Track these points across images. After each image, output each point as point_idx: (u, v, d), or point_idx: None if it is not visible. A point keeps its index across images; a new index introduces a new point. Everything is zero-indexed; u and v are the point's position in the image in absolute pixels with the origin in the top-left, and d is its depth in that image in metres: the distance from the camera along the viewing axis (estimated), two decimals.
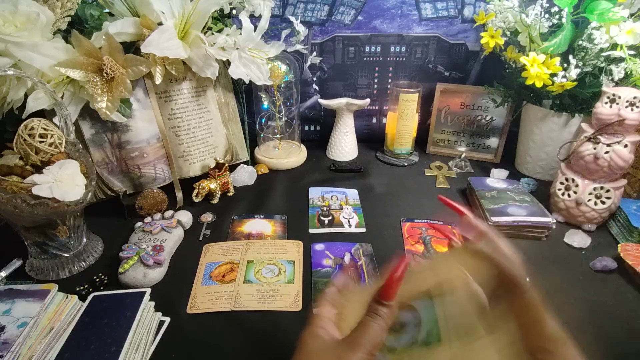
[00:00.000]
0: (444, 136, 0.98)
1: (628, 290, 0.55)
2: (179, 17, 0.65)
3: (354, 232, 0.68)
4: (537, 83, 0.71)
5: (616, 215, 0.67)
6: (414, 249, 0.63)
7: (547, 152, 0.82)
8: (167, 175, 0.73)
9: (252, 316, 0.51)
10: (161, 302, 0.51)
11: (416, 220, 0.70)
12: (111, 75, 0.60)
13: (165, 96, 0.71)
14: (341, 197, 0.77)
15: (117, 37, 0.61)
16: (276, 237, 0.66)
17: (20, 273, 0.57)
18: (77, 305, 0.48)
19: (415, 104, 0.89)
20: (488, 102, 0.90)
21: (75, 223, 0.57)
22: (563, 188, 0.69)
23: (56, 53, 0.58)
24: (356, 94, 0.99)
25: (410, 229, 0.68)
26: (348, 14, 0.90)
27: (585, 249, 0.63)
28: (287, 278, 0.57)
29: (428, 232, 0.67)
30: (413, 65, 0.95)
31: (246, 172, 0.84)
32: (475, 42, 0.91)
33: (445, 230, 0.58)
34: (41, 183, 0.48)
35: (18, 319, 0.43)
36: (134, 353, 0.42)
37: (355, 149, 0.98)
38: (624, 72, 0.67)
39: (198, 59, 0.69)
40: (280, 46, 0.78)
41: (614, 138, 0.63)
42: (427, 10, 0.90)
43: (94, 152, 0.66)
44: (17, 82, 0.57)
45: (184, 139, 0.74)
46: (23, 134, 0.51)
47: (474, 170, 0.91)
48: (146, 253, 0.57)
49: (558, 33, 0.69)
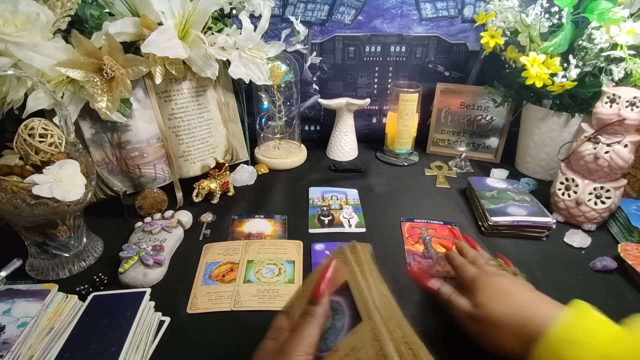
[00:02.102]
0: (444, 136, 0.98)
1: (628, 290, 0.55)
2: (179, 17, 0.65)
3: (354, 232, 0.68)
4: (537, 83, 0.71)
5: (616, 215, 0.67)
6: (414, 249, 0.63)
7: (547, 152, 0.82)
8: (167, 175, 0.73)
9: (252, 316, 0.51)
10: (161, 302, 0.51)
11: (416, 220, 0.70)
12: (111, 75, 0.60)
13: (165, 96, 0.71)
14: (341, 197, 0.77)
15: (117, 37, 0.61)
16: (276, 237, 0.66)
17: (20, 273, 0.57)
18: (77, 305, 0.48)
19: (415, 104, 0.89)
20: (488, 102, 0.90)
21: (75, 223, 0.57)
22: (563, 188, 0.69)
23: (56, 53, 0.58)
24: (356, 94, 0.99)
25: (410, 229, 0.68)
26: (348, 14, 0.90)
27: (585, 249, 0.63)
28: (287, 278, 0.57)
29: (428, 231, 0.67)
30: (413, 65, 0.95)
31: (246, 172, 0.84)
32: (475, 42, 0.91)
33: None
34: (41, 183, 0.48)
35: (18, 319, 0.43)
36: (134, 353, 0.42)
37: (355, 149, 0.98)
38: (624, 72, 0.67)
39: (198, 59, 0.69)
40: (280, 46, 0.78)
41: (614, 138, 0.63)
42: (427, 10, 0.90)
43: (94, 152, 0.66)
44: (17, 82, 0.57)
45: (184, 139, 0.74)
46: (23, 134, 0.51)
47: (474, 170, 0.91)
48: (146, 253, 0.57)
49: (558, 33, 0.69)
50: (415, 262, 0.60)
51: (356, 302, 0.32)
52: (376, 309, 0.30)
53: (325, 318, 0.33)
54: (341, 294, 0.34)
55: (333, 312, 0.33)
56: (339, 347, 0.31)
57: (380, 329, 0.29)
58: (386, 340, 0.28)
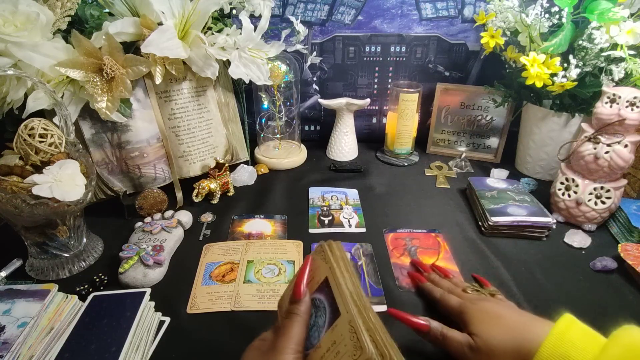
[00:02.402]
0: (444, 136, 0.98)
1: (628, 290, 0.55)
2: (179, 17, 0.65)
3: (354, 232, 0.68)
4: (537, 83, 0.71)
5: (616, 215, 0.67)
6: (400, 262, 0.60)
7: (547, 152, 0.82)
8: (167, 175, 0.73)
9: (252, 316, 0.51)
10: (161, 302, 0.51)
11: (399, 230, 0.67)
12: (111, 75, 0.60)
13: (165, 96, 0.71)
14: (341, 197, 0.77)
15: (117, 37, 0.61)
16: (276, 237, 0.66)
17: (20, 273, 0.57)
18: (77, 305, 0.48)
19: (415, 104, 0.89)
20: (488, 102, 0.90)
21: (75, 223, 0.57)
22: (563, 188, 0.69)
23: (56, 53, 0.58)
24: (356, 94, 0.99)
25: (394, 240, 0.65)
26: (348, 14, 0.90)
27: (585, 249, 0.63)
28: (287, 278, 0.57)
29: (412, 242, 0.64)
30: (413, 65, 0.95)
31: (246, 172, 0.84)
32: (475, 42, 0.91)
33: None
34: (41, 183, 0.48)
35: (18, 319, 0.43)
36: (134, 353, 0.42)
37: (355, 149, 0.98)
38: (624, 72, 0.67)
39: (198, 59, 0.69)
40: (280, 46, 0.78)
41: (614, 138, 0.63)
42: (427, 10, 0.90)
43: (94, 152, 0.66)
44: (17, 82, 0.57)
45: (184, 139, 0.74)
46: (23, 134, 0.51)
47: (474, 170, 0.91)
48: (146, 253, 0.57)
49: (558, 33, 0.69)
50: (404, 276, 0.57)
51: (335, 298, 0.32)
52: (352, 301, 0.31)
53: (309, 315, 0.34)
54: (322, 291, 0.34)
55: (315, 310, 0.34)
56: (321, 343, 0.31)
57: (357, 321, 0.29)
58: (362, 331, 0.28)
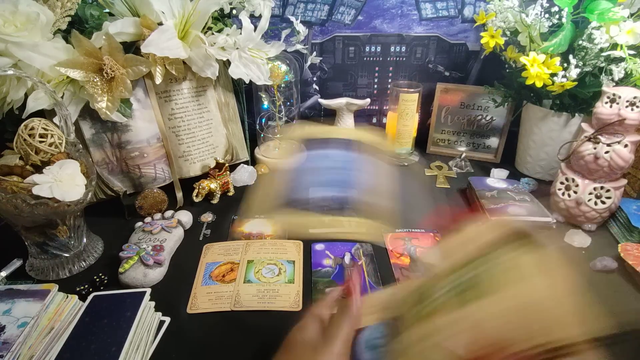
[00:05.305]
0: (444, 136, 0.98)
1: (628, 290, 0.55)
2: (179, 17, 0.65)
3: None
4: (537, 83, 0.71)
5: (616, 215, 0.67)
6: (400, 262, 0.60)
7: (547, 152, 0.82)
8: (167, 175, 0.73)
9: (252, 316, 0.51)
10: (161, 302, 0.51)
11: (397, 230, 0.66)
12: (111, 75, 0.60)
13: (165, 96, 0.71)
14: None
15: (117, 37, 0.61)
16: (276, 237, 0.66)
17: (20, 273, 0.57)
18: (77, 305, 0.48)
19: (415, 104, 0.89)
20: (488, 102, 0.90)
21: (75, 223, 0.57)
22: (563, 188, 0.69)
23: (56, 53, 0.58)
24: (356, 94, 0.99)
25: (393, 240, 0.64)
26: (348, 14, 0.90)
27: (585, 249, 0.63)
28: (287, 278, 0.57)
29: (412, 242, 0.64)
30: (413, 65, 0.95)
31: (246, 172, 0.84)
32: (475, 42, 0.91)
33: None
34: (41, 183, 0.48)
35: (18, 319, 0.43)
36: (134, 353, 0.42)
37: None
38: (624, 72, 0.67)
39: (198, 59, 0.69)
40: (280, 46, 0.78)
41: (614, 138, 0.63)
42: (427, 10, 0.90)
43: (94, 152, 0.66)
44: (17, 82, 0.57)
45: (184, 139, 0.74)
46: (23, 134, 0.51)
47: (474, 170, 0.91)
48: (146, 253, 0.57)
49: (558, 33, 0.69)
50: (404, 276, 0.57)
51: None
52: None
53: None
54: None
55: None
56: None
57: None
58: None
